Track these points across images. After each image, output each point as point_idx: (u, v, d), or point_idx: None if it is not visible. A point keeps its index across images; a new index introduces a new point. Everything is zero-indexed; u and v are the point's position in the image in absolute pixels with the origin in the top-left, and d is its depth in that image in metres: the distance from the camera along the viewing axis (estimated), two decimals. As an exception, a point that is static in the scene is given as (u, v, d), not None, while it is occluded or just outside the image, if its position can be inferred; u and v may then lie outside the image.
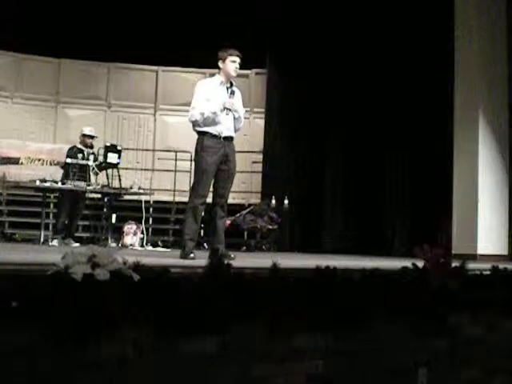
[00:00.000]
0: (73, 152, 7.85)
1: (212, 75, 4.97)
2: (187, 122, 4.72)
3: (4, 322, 1.67)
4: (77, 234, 8.60)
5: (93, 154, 8.01)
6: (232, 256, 4.25)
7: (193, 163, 5.02)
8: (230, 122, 4.63)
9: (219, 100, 4.57)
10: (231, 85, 4.70)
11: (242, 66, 4.74)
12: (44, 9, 9.57)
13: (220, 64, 4.68)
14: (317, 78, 9.30)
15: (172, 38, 9.92)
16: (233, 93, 4.64)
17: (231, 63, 4.64)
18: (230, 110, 4.58)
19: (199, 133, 4.60)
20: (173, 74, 11.14)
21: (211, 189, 4.64)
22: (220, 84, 4.68)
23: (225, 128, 4.58)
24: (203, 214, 4.69)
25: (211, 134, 4.54)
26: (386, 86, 8.42)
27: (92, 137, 8.06)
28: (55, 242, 7.44)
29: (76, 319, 1.74)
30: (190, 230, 4.51)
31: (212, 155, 4.51)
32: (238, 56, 4.66)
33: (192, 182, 4.72)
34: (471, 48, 7.18)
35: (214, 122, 4.54)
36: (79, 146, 8.00)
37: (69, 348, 1.75)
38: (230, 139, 4.64)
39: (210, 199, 4.70)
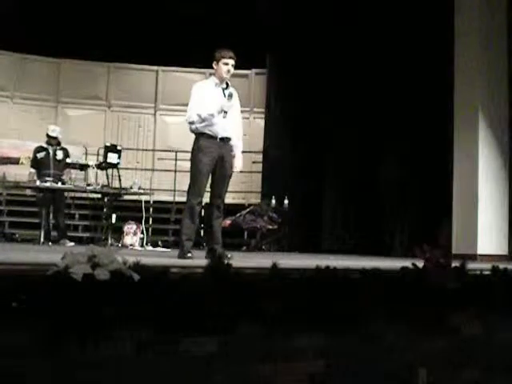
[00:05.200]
0: (37, 151, 7.91)
1: (213, 74, 4.99)
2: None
3: (4, 322, 1.67)
4: (77, 234, 8.62)
5: (61, 149, 8.01)
6: (229, 256, 4.25)
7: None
8: (227, 123, 4.66)
9: (215, 101, 4.60)
10: (227, 85, 4.71)
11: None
12: (44, 9, 9.57)
13: (214, 65, 4.71)
14: (317, 77, 9.29)
15: (172, 37, 9.92)
16: (230, 95, 4.66)
17: (223, 65, 4.64)
18: (226, 112, 4.60)
19: (196, 134, 4.65)
20: (173, 74, 11.14)
21: (208, 189, 4.67)
22: (215, 86, 4.70)
23: (221, 129, 4.61)
24: (203, 213, 4.71)
25: (208, 134, 4.59)
26: (386, 87, 8.40)
27: (54, 137, 8.05)
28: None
29: (76, 319, 1.74)
30: (187, 229, 4.57)
31: (208, 155, 4.56)
32: (230, 58, 4.65)
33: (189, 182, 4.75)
34: (471, 47, 7.17)
35: (210, 124, 4.58)
36: (44, 145, 8.00)
37: (69, 348, 1.75)
38: (226, 140, 4.66)
39: (207, 199, 4.73)
